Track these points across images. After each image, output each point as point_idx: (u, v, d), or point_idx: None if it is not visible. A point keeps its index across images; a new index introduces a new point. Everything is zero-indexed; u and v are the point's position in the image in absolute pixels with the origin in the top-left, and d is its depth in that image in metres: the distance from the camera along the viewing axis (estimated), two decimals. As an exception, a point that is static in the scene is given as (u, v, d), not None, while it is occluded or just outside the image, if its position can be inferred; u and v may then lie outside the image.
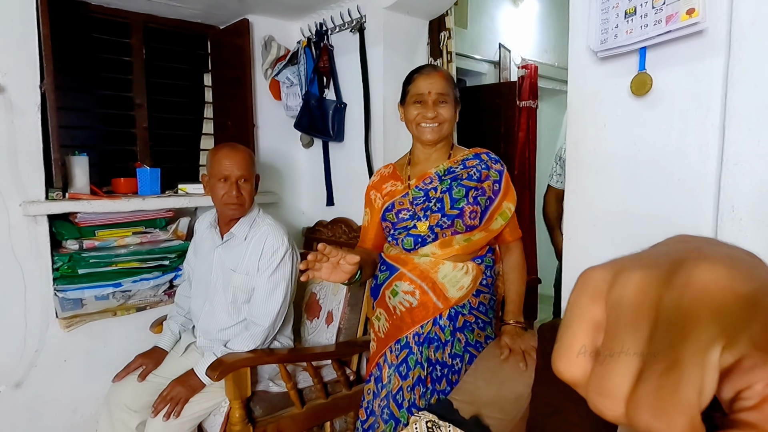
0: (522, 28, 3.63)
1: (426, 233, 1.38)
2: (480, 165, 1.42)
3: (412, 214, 1.41)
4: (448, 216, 1.37)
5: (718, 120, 1.12)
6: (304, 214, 2.67)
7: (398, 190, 1.47)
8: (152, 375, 1.79)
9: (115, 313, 2.03)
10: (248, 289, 1.76)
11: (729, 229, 1.12)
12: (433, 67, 1.46)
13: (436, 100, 1.39)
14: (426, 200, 1.40)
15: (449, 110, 1.41)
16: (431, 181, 1.42)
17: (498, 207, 1.42)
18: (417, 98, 1.40)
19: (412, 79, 1.44)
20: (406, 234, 1.41)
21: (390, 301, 1.43)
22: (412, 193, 1.44)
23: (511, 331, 1.37)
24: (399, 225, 1.42)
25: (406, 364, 1.39)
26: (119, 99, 2.32)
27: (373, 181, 1.57)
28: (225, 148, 1.74)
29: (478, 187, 1.39)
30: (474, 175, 1.40)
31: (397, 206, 1.44)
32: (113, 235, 2.02)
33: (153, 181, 2.15)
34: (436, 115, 1.39)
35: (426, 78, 1.41)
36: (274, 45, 2.41)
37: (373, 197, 1.53)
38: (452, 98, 1.42)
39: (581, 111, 1.39)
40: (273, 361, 1.72)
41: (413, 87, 1.42)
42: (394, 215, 1.44)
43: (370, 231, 1.55)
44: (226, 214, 1.76)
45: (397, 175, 1.51)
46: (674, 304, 0.22)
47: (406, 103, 1.45)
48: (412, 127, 1.43)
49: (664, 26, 1.12)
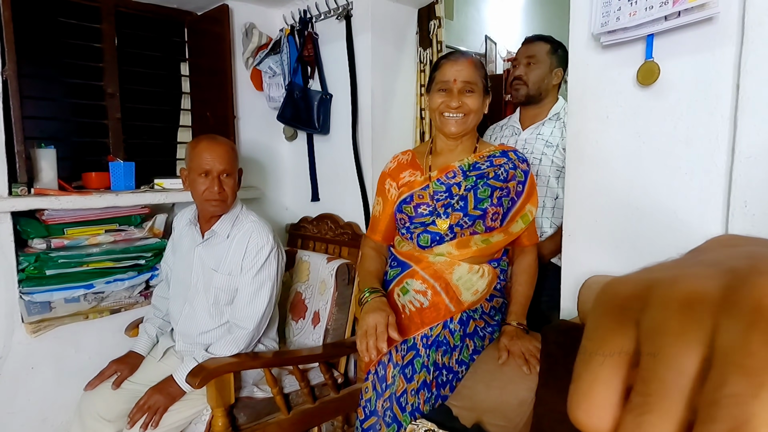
0: (508, 20, 3.58)
1: (445, 232, 1.31)
2: (508, 164, 1.35)
3: (431, 210, 1.32)
4: (471, 216, 1.30)
5: (729, 111, 1.07)
6: (288, 210, 2.57)
7: (418, 181, 1.36)
8: (128, 382, 1.69)
9: (87, 316, 1.91)
10: (231, 289, 1.66)
11: (740, 225, 1.07)
12: (461, 53, 1.37)
13: (462, 89, 1.30)
14: (448, 196, 1.32)
15: (476, 100, 1.31)
16: (454, 176, 1.34)
17: (520, 209, 1.37)
18: (442, 86, 1.31)
19: (439, 65, 1.35)
20: (424, 230, 1.33)
21: (399, 299, 1.36)
22: (433, 187, 1.34)
23: (511, 332, 1.31)
24: (416, 220, 1.33)
25: (411, 367, 1.32)
26: (90, 88, 2.18)
27: (388, 168, 1.45)
28: (205, 141, 1.64)
29: (503, 188, 1.33)
30: (501, 175, 1.34)
31: (416, 199, 1.34)
32: (84, 234, 1.90)
33: (127, 175, 2.02)
34: (461, 105, 1.30)
35: (453, 64, 1.31)
36: (255, 33, 2.29)
37: (387, 187, 1.42)
38: (481, 88, 1.33)
39: (582, 102, 1.33)
40: (258, 365, 1.63)
41: (439, 74, 1.33)
42: (412, 209, 1.34)
43: (381, 222, 1.45)
44: (208, 211, 1.66)
45: (416, 164, 1.41)
46: (739, 338, 0.16)
47: (431, 90, 1.36)
48: (436, 116, 1.34)
49: (671, 7, 1.06)
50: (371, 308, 1.23)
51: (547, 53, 1.82)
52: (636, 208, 1.25)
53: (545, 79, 1.82)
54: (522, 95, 1.85)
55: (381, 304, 1.24)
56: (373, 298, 1.27)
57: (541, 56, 1.82)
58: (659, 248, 1.21)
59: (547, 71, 1.82)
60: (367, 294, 1.30)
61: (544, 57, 1.82)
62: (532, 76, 1.82)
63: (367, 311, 1.23)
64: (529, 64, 1.82)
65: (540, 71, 1.81)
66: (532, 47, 1.85)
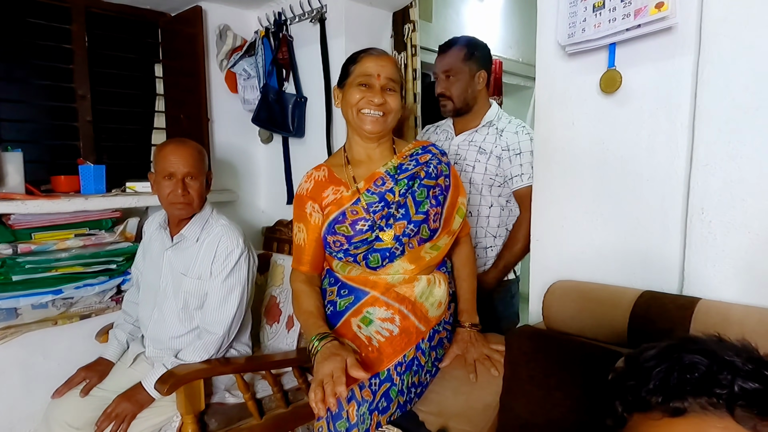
0: (487, 23, 3.60)
1: (393, 245, 1.21)
2: (433, 159, 1.28)
3: (371, 225, 1.20)
4: (415, 222, 1.22)
5: (688, 119, 1.09)
6: (264, 213, 2.55)
7: (345, 196, 1.23)
8: (97, 389, 1.66)
9: (55, 322, 1.87)
10: (200, 294, 1.64)
11: (698, 231, 1.09)
12: (383, 51, 1.27)
13: (385, 86, 1.21)
14: (385, 205, 1.22)
15: (397, 101, 1.23)
16: (383, 182, 1.24)
17: (453, 203, 1.30)
18: (363, 80, 1.21)
19: (358, 58, 1.24)
20: (369, 249, 1.21)
21: (362, 331, 1.22)
22: (364, 199, 1.22)
23: (465, 336, 1.28)
24: (356, 239, 1.20)
25: (387, 398, 1.20)
26: (60, 90, 2.14)
27: (306, 189, 1.29)
28: (171, 144, 1.63)
29: (435, 185, 1.26)
30: (432, 172, 1.26)
31: (350, 216, 1.21)
32: (52, 238, 1.86)
33: (97, 178, 1.99)
34: (384, 103, 1.20)
35: (376, 59, 1.22)
36: (229, 34, 2.28)
37: (309, 210, 1.27)
38: (399, 89, 1.25)
39: (549, 109, 1.35)
40: (229, 371, 1.62)
41: (359, 67, 1.22)
42: (348, 227, 1.21)
43: (307, 251, 1.29)
44: (173, 214, 1.65)
45: (336, 179, 1.27)
46: None
47: (347, 85, 1.24)
48: (352, 113, 1.23)
49: (633, 20, 1.08)
50: (324, 356, 1.05)
51: (463, 60, 1.72)
52: (601, 214, 1.27)
53: (468, 89, 1.73)
54: (450, 111, 1.77)
55: (334, 348, 1.07)
56: (324, 345, 1.09)
57: (457, 66, 1.72)
58: (622, 255, 1.23)
59: (469, 79, 1.72)
60: (316, 342, 1.11)
61: (461, 66, 1.72)
62: (454, 90, 1.72)
63: (320, 361, 1.05)
64: (448, 77, 1.73)
65: (461, 83, 1.72)
66: (446, 59, 1.74)
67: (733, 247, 1.04)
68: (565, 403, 0.99)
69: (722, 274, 1.06)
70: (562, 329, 1.18)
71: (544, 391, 1.03)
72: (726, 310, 0.96)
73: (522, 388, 1.07)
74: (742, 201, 1.03)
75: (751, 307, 0.96)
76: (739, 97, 1.02)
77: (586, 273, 1.30)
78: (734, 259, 1.04)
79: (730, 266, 1.05)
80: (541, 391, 1.04)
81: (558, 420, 0.99)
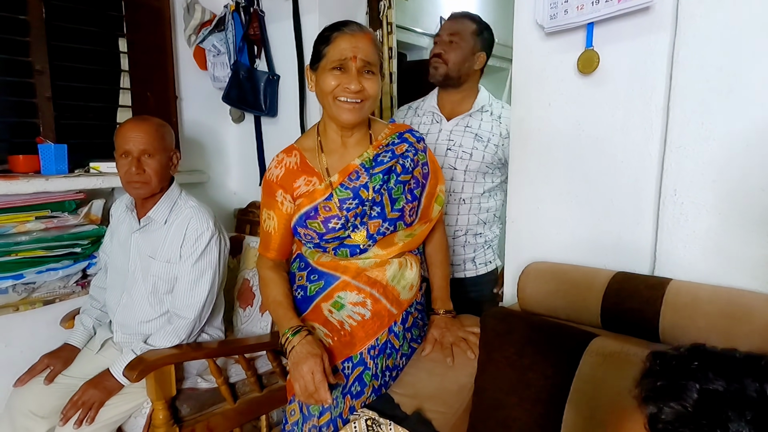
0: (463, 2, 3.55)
1: (365, 242, 1.17)
2: (410, 150, 1.21)
3: (344, 224, 1.15)
4: (390, 221, 1.18)
5: (663, 101, 1.09)
6: (236, 195, 2.49)
7: (318, 190, 1.17)
8: (62, 376, 1.61)
9: (17, 308, 1.80)
10: (170, 278, 1.60)
11: (671, 212, 1.10)
12: (358, 26, 1.14)
13: (361, 69, 1.10)
14: (359, 203, 1.15)
15: (375, 84, 1.12)
16: (358, 177, 1.17)
17: (432, 193, 1.26)
18: (337, 64, 1.10)
19: (332, 38, 1.11)
20: (339, 244, 1.18)
21: (333, 316, 1.20)
22: (337, 195, 1.16)
23: (440, 323, 1.28)
24: (328, 236, 1.16)
25: (360, 382, 1.19)
26: (15, 64, 2.02)
27: (275, 175, 1.21)
28: (130, 121, 1.58)
29: (411, 179, 1.21)
30: (408, 165, 1.20)
31: (323, 213, 1.16)
32: (11, 221, 1.77)
33: (58, 158, 1.90)
34: (361, 89, 1.10)
35: (350, 39, 1.10)
36: (198, 8, 2.18)
37: (280, 199, 1.20)
38: (378, 69, 1.15)
39: (526, 89, 1.33)
40: (201, 356, 1.59)
41: (333, 49, 1.10)
42: (320, 224, 1.15)
43: (275, 239, 1.24)
44: (131, 194, 1.61)
45: (308, 167, 1.20)
46: None
47: (320, 68, 1.13)
48: (328, 100, 1.13)
49: (617, 4, 1.06)
50: (301, 357, 1.05)
51: (472, 33, 1.67)
52: (576, 195, 1.27)
53: (467, 62, 1.67)
54: (440, 74, 1.68)
55: (310, 346, 1.07)
56: (299, 342, 1.08)
57: (465, 35, 1.66)
58: (596, 236, 1.23)
59: (470, 53, 1.67)
60: (290, 336, 1.10)
61: (469, 37, 1.67)
62: (454, 55, 1.65)
63: (298, 361, 1.05)
64: (451, 42, 1.66)
65: (462, 52, 1.66)
66: (457, 24, 1.69)
67: (704, 229, 1.06)
68: (538, 383, 1.00)
69: (692, 255, 1.08)
70: (536, 310, 1.19)
71: (517, 371, 1.04)
72: (696, 290, 0.97)
73: (496, 368, 1.08)
74: (713, 182, 1.04)
75: (720, 287, 0.97)
76: (713, 78, 1.02)
77: (560, 254, 1.31)
78: (704, 240, 1.06)
79: (700, 247, 1.06)
80: (515, 372, 1.04)
81: (531, 399, 1.00)
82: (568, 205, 1.29)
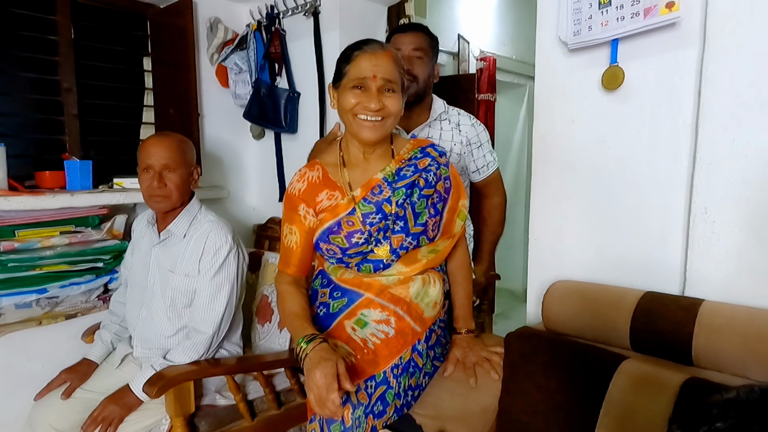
0: (481, 19, 3.57)
1: (388, 257, 1.15)
2: (433, 164, 1.20)
3: (367, 238, 1.14)
4: (413, 235, 1.16)
5: (691, 117, 1.07)
6: (255, 210, 2.51)
7: (341, 204, 1.15)
8: (83, 390, 1.62)
9: (40, 322, 1.82)
10: (188, 292, 1.60)
11: (701, 230, 1.07)
12: (379, 44, 1.13)
13: (381, 87, 1.10)
14: (382, 218, 1.14)
15: (397, 102, 1.12)
16: (381, 191, 1.16)
17: (454, 208, 1.24)
18: (357, 83, 1.10)
19: (352, 57, 1.12)
20: (362, 260, 1.16)
21: (356, 333, 1.17)
22: (360, 209, 1.14)
23: (462, 342, 1.25)
24: (351, 251, 1.14)
25: (382, 401, 1.17)
26: (44, 82, 2.08)
27: (297, 189, 1.20)
28: (152, 137, 1.62)
29: (434, 193, 1.19)
30: (431, 180, 1.18)
31: (346, 227, 1.14)
32: (37, 236, 1.81)
33: (83, 174, 1.94)
34: (382, 107, 1.09)
35: (371, 57, 1.10)
36: (220, 27, 2.22)
37: (302, 213, 1.18)
38: (400, 87, 1.14)
39: (549, 105, 1.32)
40: (219, 372, 1.58)
41: (353, 68, 1.11)
42: (344, 239, 1.14)
43: (296, 254, 1.21)
44: (153, 208, 1.64)
45: (331, 182, 1.19)
46: None
47: (341, 87, 1.14)
48: (348, 117, 1.13)
49: (643, 20, 1.05)
50: (314, 362, 1.01)
51: (430, 46, 1.62)
52: (601, 213, 1.25)
53: (430, 76, 1.62)
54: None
55: (324, 352, 1.03)
56: (312, 348, 1.04)
57: (426, 48, 1.61)
58: (622, 254, 1.21)
59: (431, 66, 1.61)
60: (303, 345, 1.06)
61: (429, 51, 1.61)
62: (422, 71, 1.58)
63: (311, 367, 1.01)
64: (418, 57, 1.58)
65: (426, 66, 1.60)
66: (416, 38, 1.60)
67: (736, 248, 1.03)
68: (566, 406, 0.97)
69: (725, 274, 1.05)
70: (562, 330, 1.16)
71: (544, 394, 1.01)
72: (730, 311, 0.94)
73: (521, 390, 1.05)
74: (745, 200, 1.01)
75: (757, 309, 0.94)
76: (744, 94, 1.00)
77: (585, 273, 1.28)
78: (737, 259, 1.03)
79: (733, 267, 1.03)
80: (542, 394, 1.01)
81: (558, 424, 0.97)
82: (592, 223, 1.26)
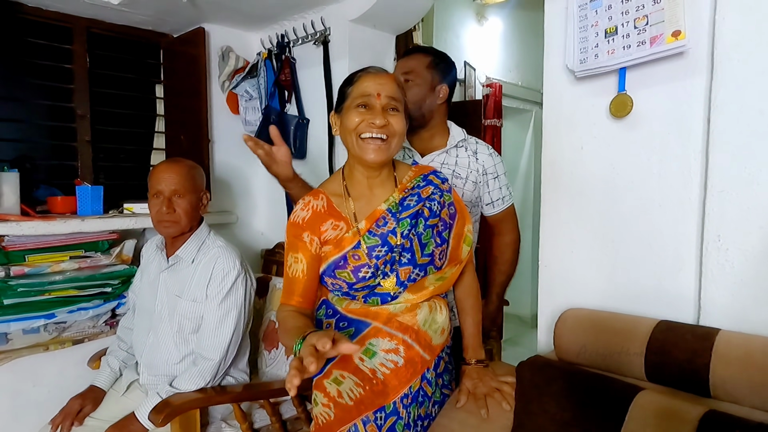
0: (486, 46, 3.62)
1: (395, 290, 1.13)
2: (436, 193, 1.18)
3: (374, 272, 1.11)
4: (420, 266, 1.14)
5: (701, 144, 1.07)
6: (263, 235, 2.51)
7: (347, 238, 1.11)
8: (89, 418, 1.61)
9: (47, 347, 1.82)
10: (196, 317, 1.60)
11: (715, 258, 1.06)
12: (382, 69, 1.15)
13: (386, 106, 1.08)
14: (388, 250, 1.11)
15: (401, 121, 1.10)
16: (386, 222, 1.13)
17: (460, 234, 1.22)
18: (361, 101, 1.08)
19: (355, 79, 1.12)
20: (369, 293, 1.13)
21: (365, 364, 1.13)
22: (365, 242, 1.11)
23: (472, 373, 1.22)
24: (358, 285, 1.11)
25: None
26: (59, 110, 2.12)
27: (301, 218, 1.14)
28: (163, 163, 1.64)
29: (439, 221, 1.17)
30: (435, 209, 1.16)
31: (352, 262, 1.10)
32: (47, 260, 1.82)
33: (94, 199, 1.96)
34: (386, 124, 1.07)
35: (374, 78, 1.10)
36: (232, 56, 2.27)
37: (307, 240, 1.13)
38: (403, 108, 1.13)
39: (557, 132, 1.33)
40: (226, 400, 1.56)
41: (357, 88, 1.10)
42: (350, 274, 1.11)
43: (302, 283, 1.14)
44: (162, 233, 1.64)
45: (335, 212, 1.15)
46: None
47: (344, 108, 1.12)
48: (352, 139, 1.10)
49: (649, 48, 1.06)
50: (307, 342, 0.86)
51: (427, 67, 1.57)
52: (611, 240, 1.24)
53: (426, 99, 1.56)
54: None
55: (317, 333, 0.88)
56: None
57: (419, 70, 1.56)
58: (634, 282, 1.19)
59: (428, 88, 1.56)
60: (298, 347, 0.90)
61: (424, 72, 1.56)
62: (411, 94, 1.51)
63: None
64: (407, 81, 1.54)
65: (419, 89, 1.55)
66: (410, 61, 1.60)
67: (752, 276, 1.01)
68: (581, 439, 0.95)
69: (741, 303, 1.03)
70: (574, 360, 1.14)
71: (558, 426, 0.99)
72: (747, 341, 0.92)
73: (535, 422, 1.03)
74: (759, 228, 1.00)
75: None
76: (754, 122, 1.00)
77: (596, 300, 1.26)
78: (753, 288, 1.01)
79: (750, 296, 1.02)
80: (556, 426, 0.99)
81: (574, 458, 0.94)
82: (603, 250, 1.25)
